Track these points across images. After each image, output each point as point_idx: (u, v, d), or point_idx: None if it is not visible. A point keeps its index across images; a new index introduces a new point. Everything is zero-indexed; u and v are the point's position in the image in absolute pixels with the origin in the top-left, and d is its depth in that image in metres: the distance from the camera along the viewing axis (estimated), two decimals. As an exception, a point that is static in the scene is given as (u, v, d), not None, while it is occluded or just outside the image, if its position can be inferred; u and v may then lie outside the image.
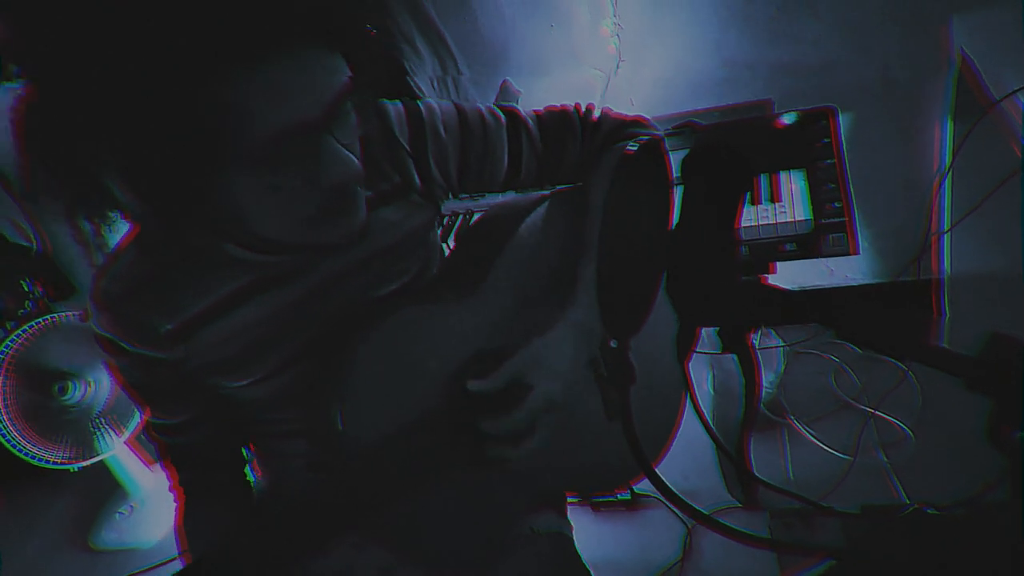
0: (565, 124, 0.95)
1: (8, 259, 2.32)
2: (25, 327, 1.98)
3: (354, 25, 0.65)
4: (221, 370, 0.83)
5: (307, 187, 0.66)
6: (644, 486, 1.46)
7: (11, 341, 1.97)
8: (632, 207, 0.75)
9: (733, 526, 0.62)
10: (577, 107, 0.98)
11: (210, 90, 0.56)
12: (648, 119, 0.98)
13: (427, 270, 0.95)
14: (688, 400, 0.91)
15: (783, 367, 2.14)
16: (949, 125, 1.68)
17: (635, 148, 0.79)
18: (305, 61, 0.61)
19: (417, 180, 0.89)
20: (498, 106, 0.95)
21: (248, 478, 0.97)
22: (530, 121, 0.94)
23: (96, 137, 0.58)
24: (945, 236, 1.83)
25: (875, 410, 1.91)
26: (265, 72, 0.57)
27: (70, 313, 2.07)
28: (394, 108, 0.88)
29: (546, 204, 0.93)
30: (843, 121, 1.90)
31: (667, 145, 0.79)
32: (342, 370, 0.79)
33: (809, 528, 1.64)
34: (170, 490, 0.93)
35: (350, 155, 0.68)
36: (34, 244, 2.35)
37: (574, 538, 1.07)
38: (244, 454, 0.97)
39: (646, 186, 0.75)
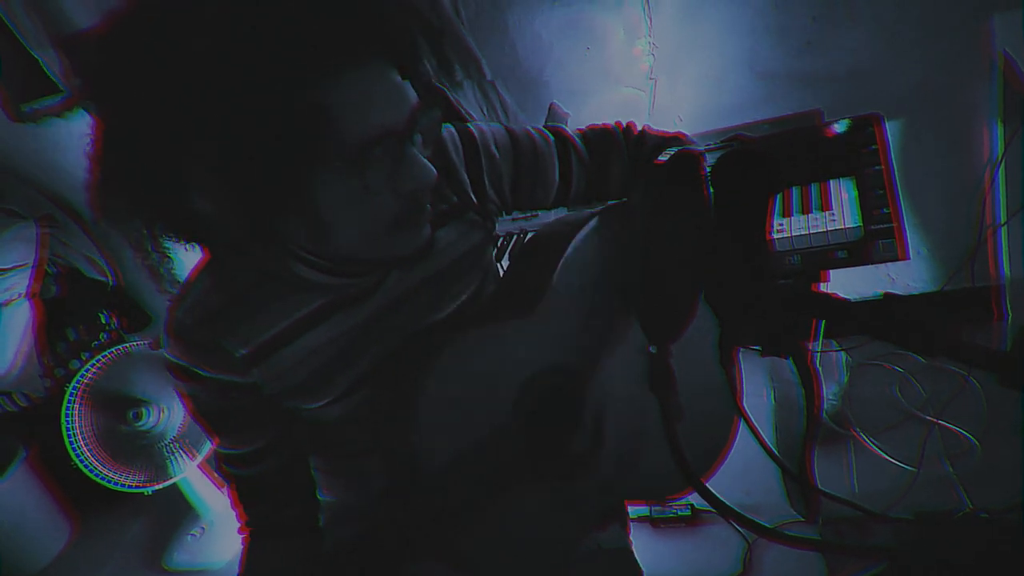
0: (608, 140, 0.99)
1: (84, 293, 2.45)
2: (98, 357, 2.07)
3: (416, 54, 0.70)
4: (297, 392, 0.85)
5: (389, 191, 0.70)
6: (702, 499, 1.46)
7: (85, 371, 2.05)
8: (664, 214, 0.76)
9: (773, 527, 0.63)
10: (618, 124, 1.01)
11: (305, 95, 0.61)
12: (687, 135, 1.00)
13: (484, 289, 0.98)
14: (741, 408, 0.91)
15: (847, 378, 2.11)
16: (999, 128, 1.66)
17: (666, 158, 0.81)
18: (384, 75, 0.66)
19: (473, 199, 0.93)
20: (545, 127, 0.99)
21: (318, 522, 0.95)
22: (577, 139, 0.98)
23: (190, 140, 0.62)
24: (1002, 230, 1.79)
25: (938, 420, 1.87)
26: (352, 81, 0.63)
27: (142, 342, 2.17)
28: (448, 132, 0.92)
29: (595, 220, 0.94)
30: (890, 129, 1.88)
31: (710, 158, 0.81)
32: (411, 394, 0.80)
33: (861, 535, 1.62)
34: (239, 532, 0.92)
35: (428, 162, 0.72)
36: (109, 279, 2.47)
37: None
38: (317, 495, 0.96)
39: (677, 194, 0.77)
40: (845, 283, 2.19)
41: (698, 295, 0.79)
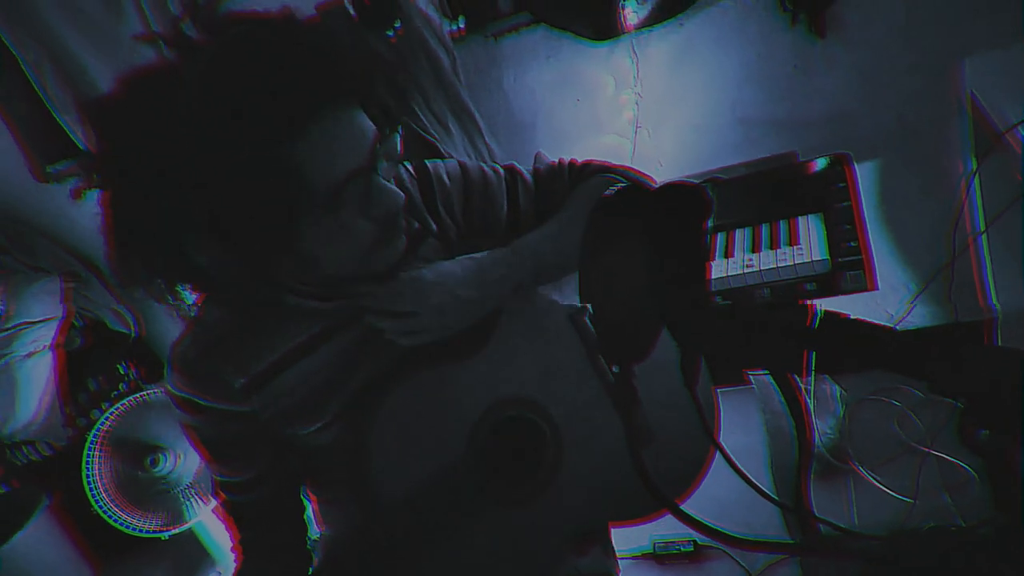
0: (556, 175, 1.08)
1: (106, 344, 2.54)
2: (116, 406, 2.15)
3: (371, 87, 0.78)
4: (292, 416, 0.91)
5: (364, 220, 0.79)
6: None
7: (104, 419, 2.13)
8: (616, 246, 0.81)
9: (745, 538, 0.66)
10: (563, 160, 1.10)
11: (275, 154, 0.70)
12: (631, 167, 1.09)
13: None
14: (709, 427, 0.94)
15: (842, 411, 2.14)
16: (972, 163, 1.72)
17: (612, 192, 0.87)
18: (345, 120, 0.74)
19: (431, 223, 1.00)
20: (497, 163, 1.08)
21: (308, 547, 1.02)
22: (526, 174, 1.07)
23: (184, 208, 0.71)
24: (982, 238, 1.83)
25: (931, 450, 1.89)
26: (315, 135, 0.71)
27: (159, 390, 2.24)
28: (404, 168, 1.01)
29: None
30: (869, 168, 1.96)
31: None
32: (368, 427, 0.85)
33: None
34: (231, 550, 0.98)
35: (392, 186, 0.81)
36: (132, 330, 2.57)
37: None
38: (306, 521, 1.02)
39: (615, 224, 0.82)
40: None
41: (660, 317, 0.83)
